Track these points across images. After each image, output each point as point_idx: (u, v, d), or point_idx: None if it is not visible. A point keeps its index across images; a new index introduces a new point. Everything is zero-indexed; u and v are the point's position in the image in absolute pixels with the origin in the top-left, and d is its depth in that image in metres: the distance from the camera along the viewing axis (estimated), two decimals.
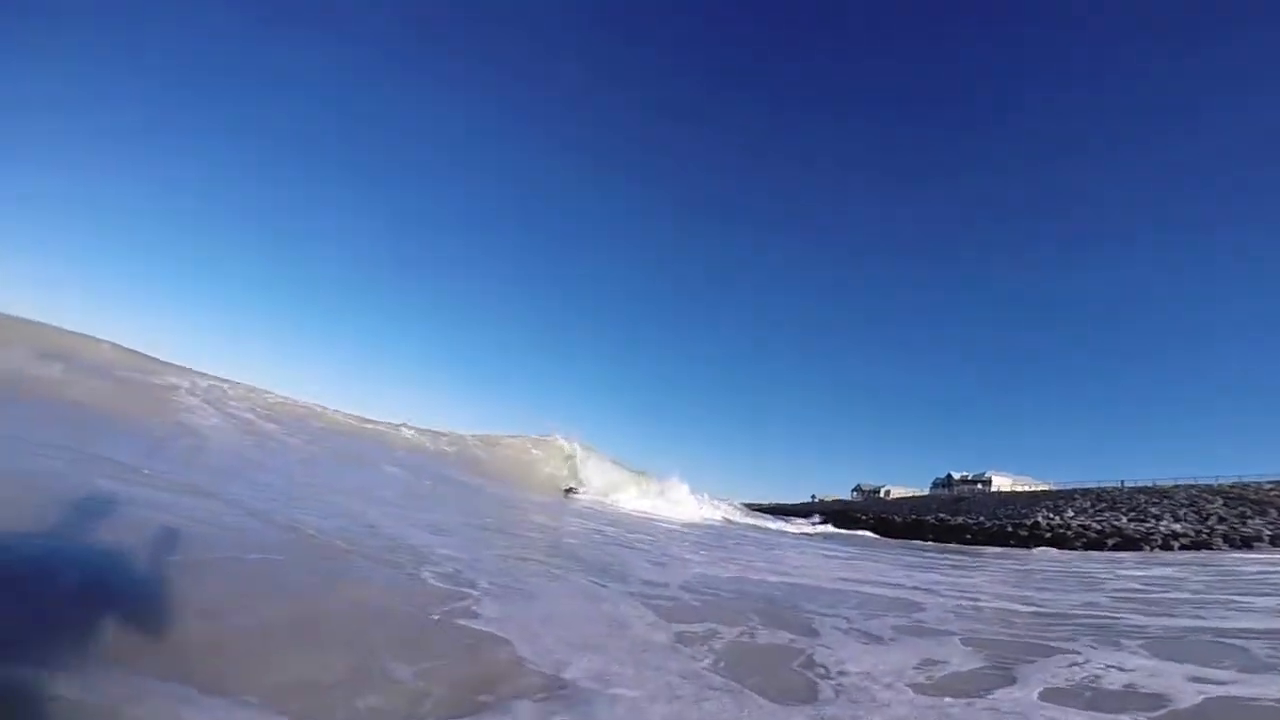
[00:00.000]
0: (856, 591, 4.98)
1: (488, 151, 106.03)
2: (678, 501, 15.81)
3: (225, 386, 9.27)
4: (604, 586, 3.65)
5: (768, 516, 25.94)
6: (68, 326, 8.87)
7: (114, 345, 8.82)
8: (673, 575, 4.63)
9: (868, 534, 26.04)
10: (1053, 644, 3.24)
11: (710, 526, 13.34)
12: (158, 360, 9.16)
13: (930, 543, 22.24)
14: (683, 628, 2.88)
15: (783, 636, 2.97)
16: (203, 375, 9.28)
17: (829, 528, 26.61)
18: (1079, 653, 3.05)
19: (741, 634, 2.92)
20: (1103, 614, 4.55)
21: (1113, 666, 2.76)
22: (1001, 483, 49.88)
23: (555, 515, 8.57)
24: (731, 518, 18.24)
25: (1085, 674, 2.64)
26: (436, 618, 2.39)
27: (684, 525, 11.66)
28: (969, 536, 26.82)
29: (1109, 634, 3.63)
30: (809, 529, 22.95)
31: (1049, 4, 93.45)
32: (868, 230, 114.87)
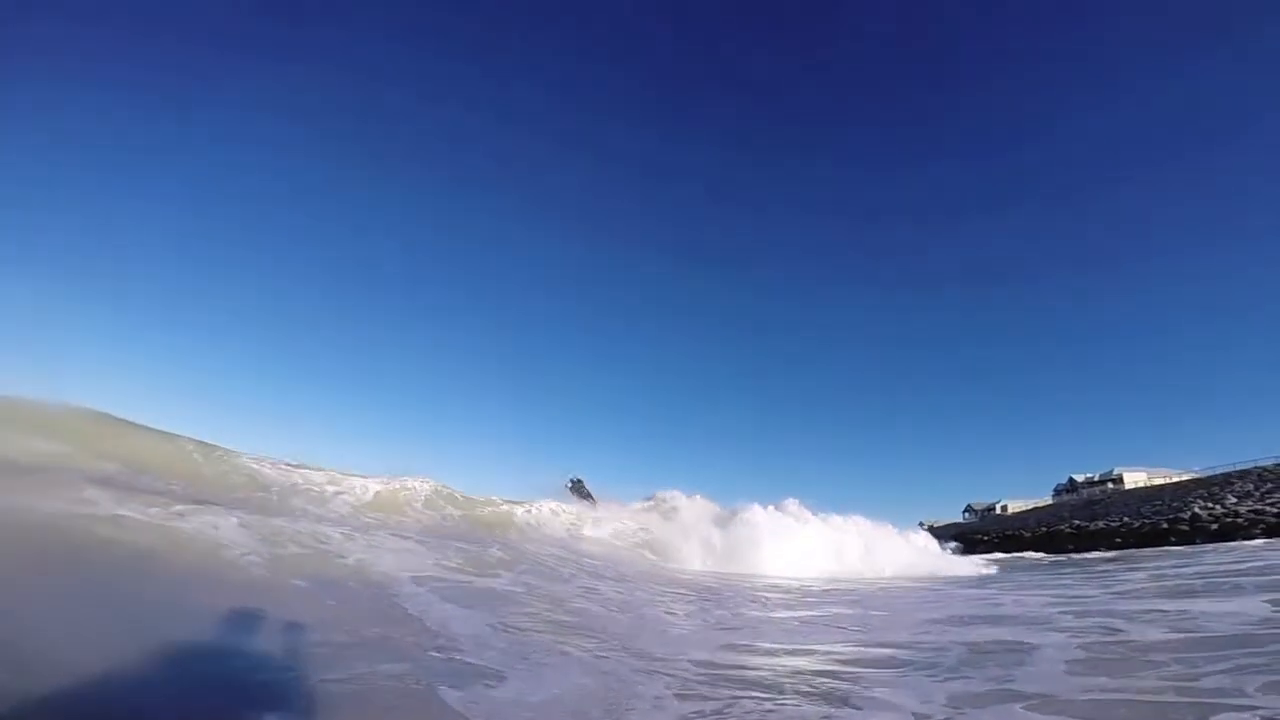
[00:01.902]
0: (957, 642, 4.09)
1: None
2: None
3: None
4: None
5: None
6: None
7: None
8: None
9: (1031, 554, 23.57)
10: (1214, 691, 2.37)
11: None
12: None
13: (1094, 554, 19.71)
14: None
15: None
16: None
17: (977, 557, 22.61)
18: (1255, 703, 2.18)
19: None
20: None
21: None
22: (1135, 478, 43.92)
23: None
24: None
25: None
26: None
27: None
28: (1118, 540, 23.56)
29: None
30: (957, 562, 18.80)
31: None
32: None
